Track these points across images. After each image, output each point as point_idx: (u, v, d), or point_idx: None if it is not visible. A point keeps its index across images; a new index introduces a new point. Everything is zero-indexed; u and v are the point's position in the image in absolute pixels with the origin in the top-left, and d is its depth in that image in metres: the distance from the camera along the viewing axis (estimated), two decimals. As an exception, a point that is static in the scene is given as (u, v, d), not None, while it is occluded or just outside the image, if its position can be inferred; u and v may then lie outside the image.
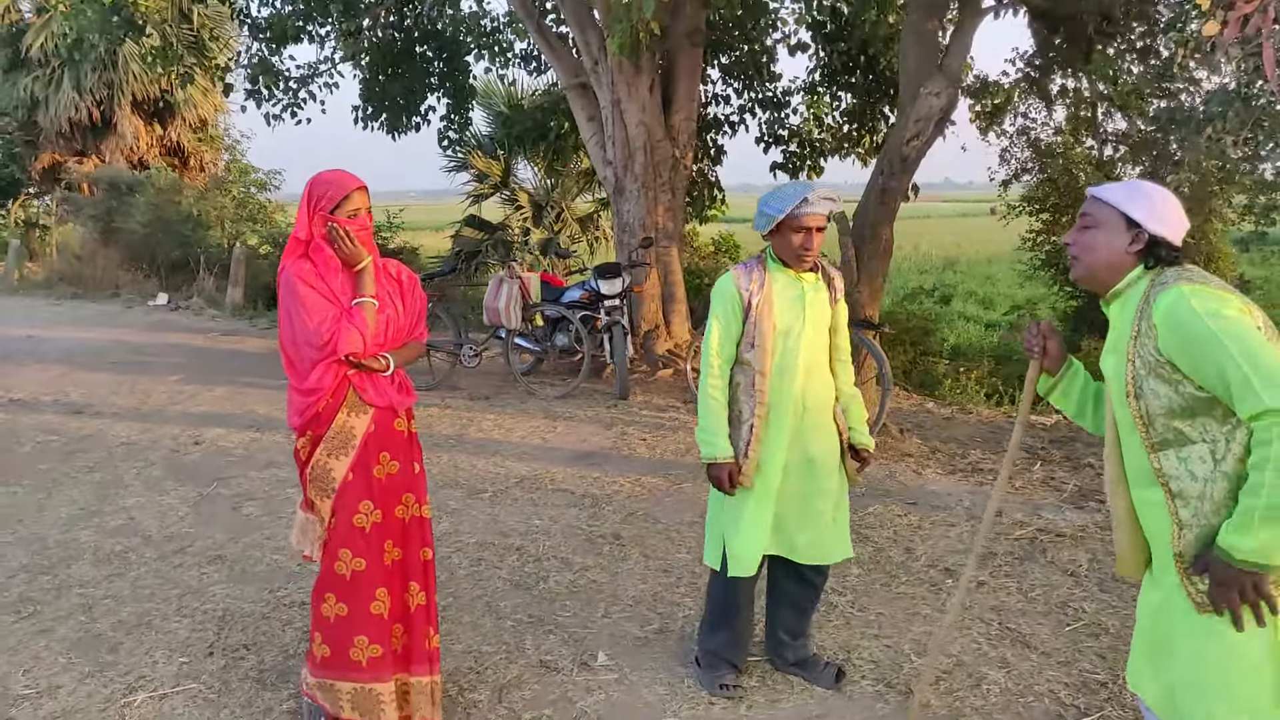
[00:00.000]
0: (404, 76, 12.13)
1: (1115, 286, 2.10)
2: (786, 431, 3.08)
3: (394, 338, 2.91)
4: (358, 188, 2.79)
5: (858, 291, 6.39)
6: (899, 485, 5.55)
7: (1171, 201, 2.07)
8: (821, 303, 3.13)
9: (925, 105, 6.10)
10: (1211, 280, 1.97)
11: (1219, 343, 1.84)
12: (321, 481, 2.81)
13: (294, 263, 2.79)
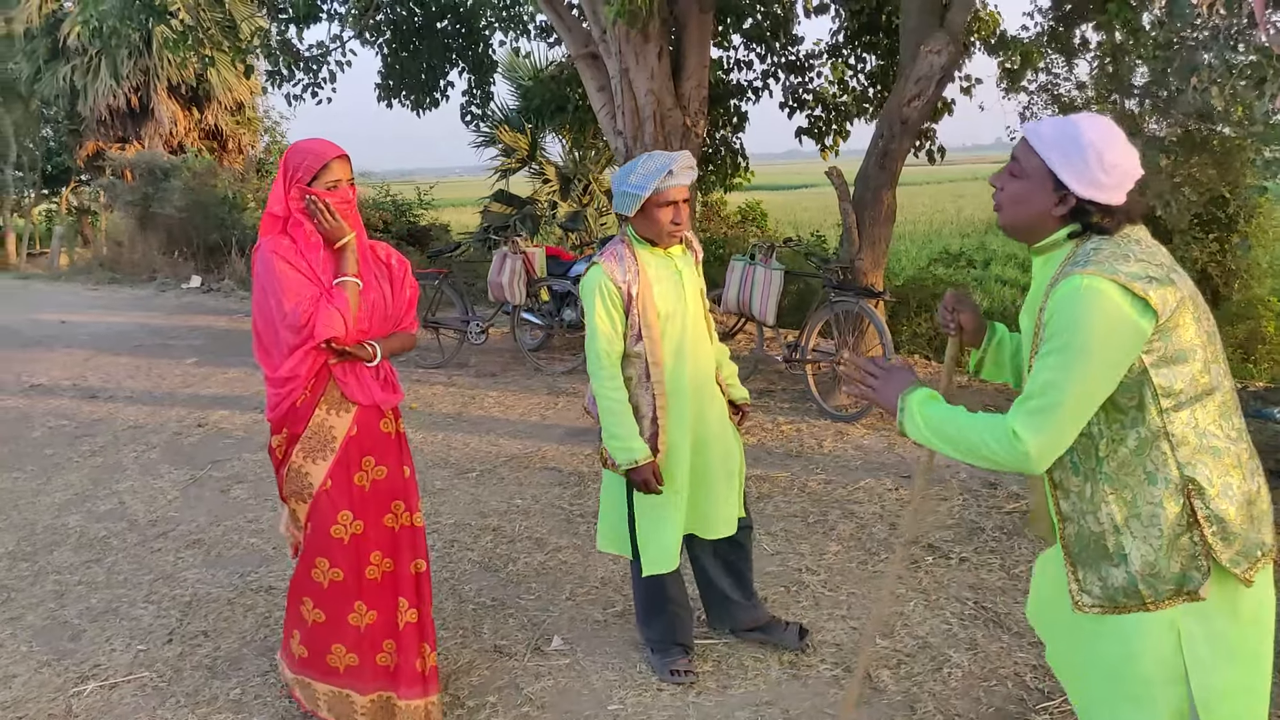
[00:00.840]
0: (423, 52, 12.10)
1: (1040, 243, 1.89)
2: (688, 414, 2.97)
3: (381, 325, 2.72)
4: (337, 156, 2.58)
5: (860, 259, 6.19)
6: (896, 459, 5.39)
7: (1115, 153, 1.75)
8: (693, 273, 3.04)
9: (926, 64, 5.84)
10: (1128, 263, 1.71)
11: (1058, 349, 1.70)
12: (297, 485, 2.65)
13: (271, 240, 2.59)
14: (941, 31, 5.87)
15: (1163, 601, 1.74)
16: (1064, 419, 1.71)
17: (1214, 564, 1.73)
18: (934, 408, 1.89)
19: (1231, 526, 1.73)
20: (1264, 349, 7.92)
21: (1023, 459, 1.73)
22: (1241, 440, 1.79)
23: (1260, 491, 1.80)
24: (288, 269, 2.55)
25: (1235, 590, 1.75)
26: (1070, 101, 8.58)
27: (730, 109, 11.71)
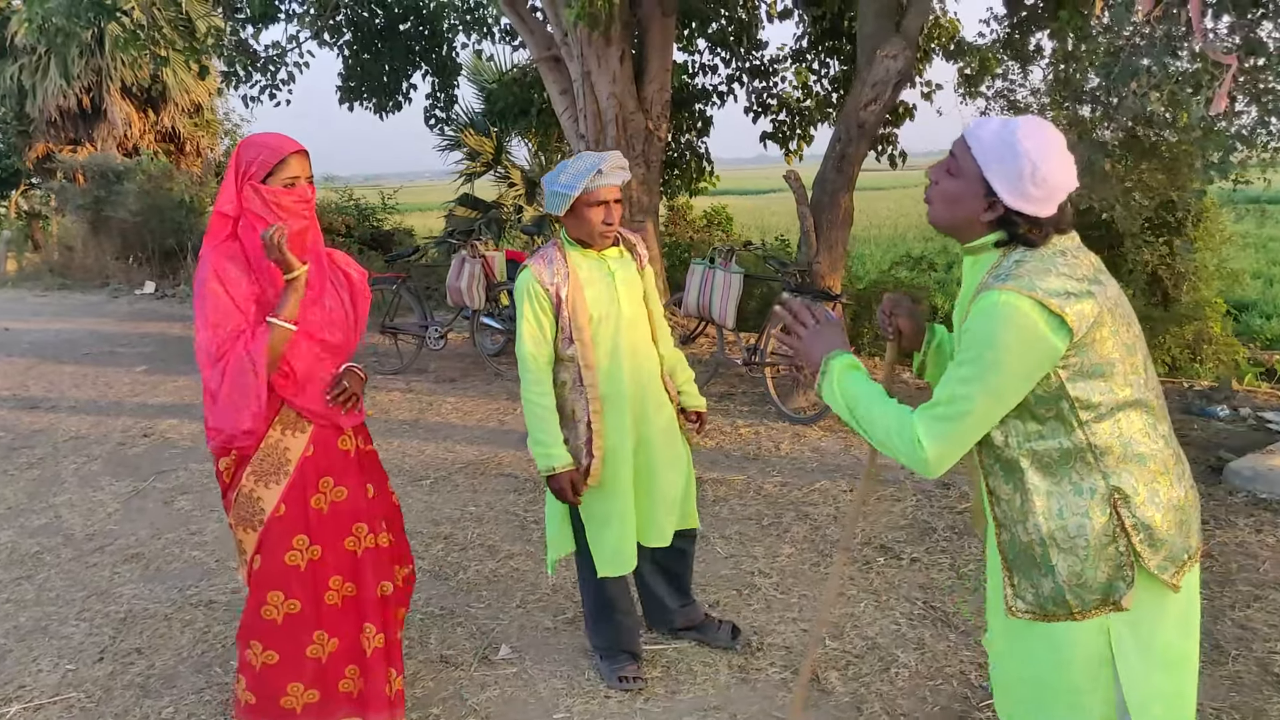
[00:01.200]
0: (385, 54, 11.99)
1: (969, 244, 1.87)
2: (627, 418, 2.94)
3: (341, 338, 2.53)
4: (295, 151, 2.36)
5: (817, 262, 6.21)
6: (852, 460, 5.40)
7: (1049, 166, 1.71)
8: (631, 276, 2.97)
9: (882, 68, 5.87)
10: (1049, 278, 1.69)
11: (970, 361, 1.70)
12: (247, 512, 2.44)
13: (216, 249, 2.35)
14: (898, 37, 5.91)
15: (1089, 611, 1.75)
16: (965, 429, 1.73)
17: (1140, 572, 1.73)
18: (853, 380, 1.88)
19: (1159, 533, 1.73)
20: (1210, 349, 8.06)
21: (921, 464, 1.75)
22: (1169, 446, 1.79)
23: (1188, 496, 1.80)
24: (218, 292, 2.31)
25: (1163, 595, 1.75)
26: (1026, 107, 8.69)
27: (695, 113, 11.72)
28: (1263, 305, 11.61)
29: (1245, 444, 5.43)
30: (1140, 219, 8.17)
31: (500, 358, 8.20)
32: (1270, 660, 3.15)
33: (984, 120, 1.84)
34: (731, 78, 11.43)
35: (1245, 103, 5.91)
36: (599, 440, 2.91)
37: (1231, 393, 6.73)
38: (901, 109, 9.23)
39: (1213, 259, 8.86)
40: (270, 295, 2.39)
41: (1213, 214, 8.65)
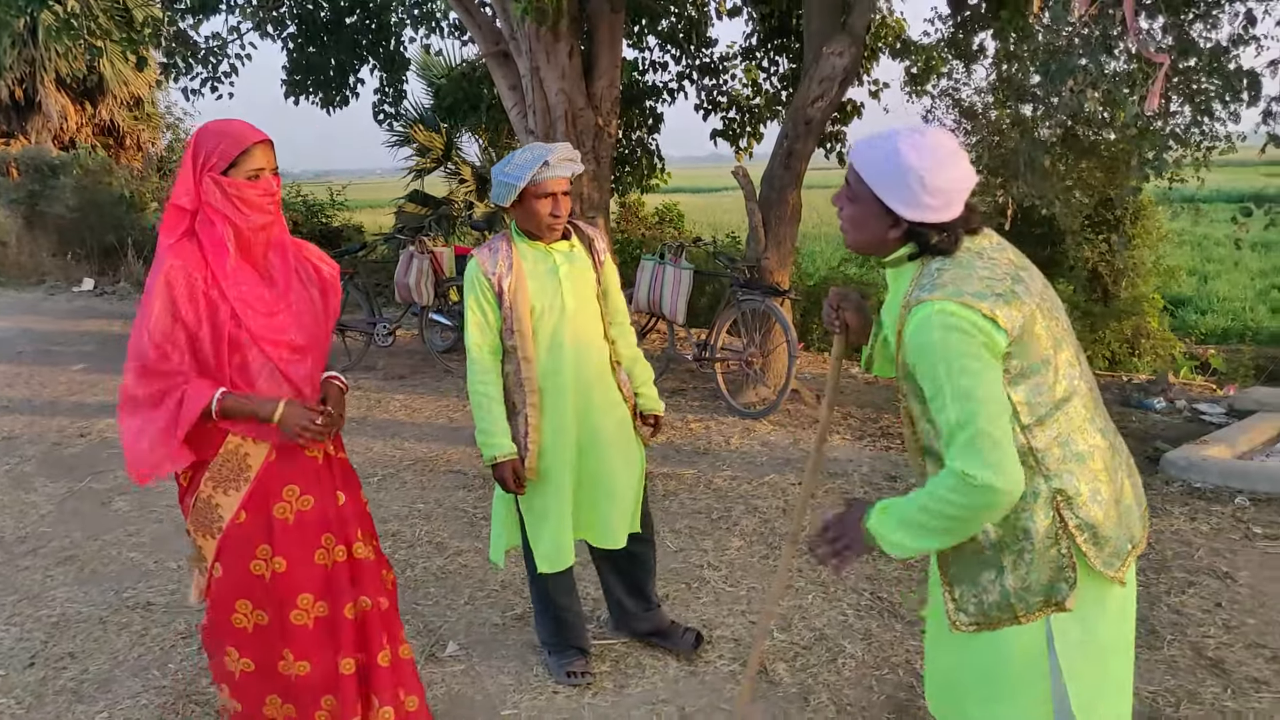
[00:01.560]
0: (331, 47, 11.80)
1: (887, 259, 1.85)
2: (568, 414, 2.90)
3: (311, 339, 2.36)
4: (259, 141, 2.19)
5: (766, 258, 6.24)
6: (801, 453, 5.44)
7: (938, 175, 1.71)
8: (581, 271, 2.93)
9: (828, 65, 5.92)
10: (972, 282, 1.69)
11: (942, 385, 1.67)
12: (205, 518, 2.28)
13: (172, 249, 2.17)
14: (843, 34, 5.96)
15: (1033, 614, 1.75)
16: (994, 435, 1.65)
17: (1083, 570, 1.74)
18: (891, 518, 1.76)
19: (1102, 530, 1.74)
20: (1148, 343, 8.28)
21: (992, 492, 1.64)
22: (1105, 439, 1.80)
23: (1125, 486, 1.81)
24: (167, 307, 2.13)
25: (1106, 588, 1.76)
26: (970, 106, 8.85)
27: (645, 110, 11.72)
28: (1198, 301, 11.96)
29: (1181, 435, 5.58)
30: (1081, 217, 8.38)
31: (450, 354, 8.12)
32: (1203, 644, 3.24)
33: (867, 140, 1.82)
34: (682, 75, 11.45)
35: (1179, 103, 6.08)
36: (534, 434, 2.89)
37: (1168, 386, 6.92)
38: (850, 107, 9.32)
39: (1150, 256, 9.12)
40: (221, 312, 2.19)
41: (1150, 212, 8.89)
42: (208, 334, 2.18)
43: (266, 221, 2.25)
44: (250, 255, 2.25)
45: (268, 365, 2.26)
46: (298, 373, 2.32)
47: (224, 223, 2.18)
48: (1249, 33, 4.85)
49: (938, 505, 1.68)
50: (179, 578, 3.99)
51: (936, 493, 1.68)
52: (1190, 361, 8.47)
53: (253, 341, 2.23)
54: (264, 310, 2.25)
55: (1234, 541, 4.07)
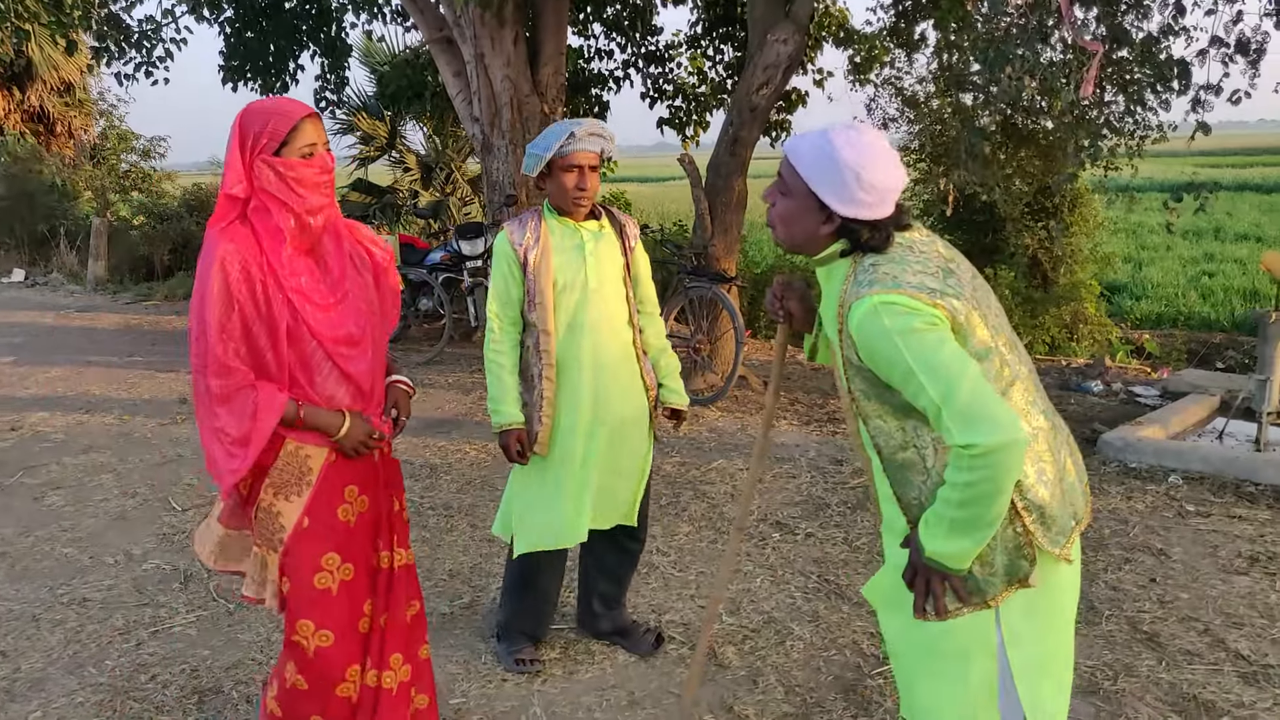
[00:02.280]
0: (270, 32, 11.53)
1: (818, 256, 1.84)
2: (584, 393, 2.86)
3: (370, 327, 2.20)
4: (307, 115, 2.06)
5: (712, 245, 6.26)
6: (748, 439, 5.47)
7: (873, 171, 1.72)
8: (609, 252, 2.91)
9: (772, 52, 5.94)
10: (907, 274, 1.71)
11: (910, 369, 1.65)
12: (267, 529, 2.14)
13: (225, 234, 2.02)
14: (787, 21, 5.98)
15: (1000, 594, 1.76)
16: (978, 396, 1.62)
17: (1037, 549, 1.75)
18: (936, 531, 1.71)
19: (1049, 510, 1.76)
20: (1086, 328, 8.47)
21: (1003, 451, 1.59)
22: (1046, 418, 1.83)
23: (1067, 464, 1.84)
24: (219, 299, 2.00)
25: (1053, 566, 1.79)
26: (912, 95, 8.96)
27: (592, 98, 11.67)
28: (1133, 287, 12.25)
29: (1117, 417, 5.73)
30: (1021, 204, 8.54)
31: (397, 344, 8.03)
32: (1139, 619, 3.33)
33: (802, 135, 1.83)
34: (627, 63, 11.42)
35: (1113, 92, 6.22)
36: (549, 409, 2.85)
37: (1105, 369, 7.10)
38: (795, 95, 9.38)
39: (1088, 244, 9.32)
40: (277, 304, 2.05)
41: (1086, 200, 9.08)
42: (264, 328, 2.05)
43: (324, 203, 2.10)
44: (306, 241, 2.10)
45: (326, 361, 2.13)
46: (357, 368, 2.17)
47: (280, 208, 2.04)
48: (1178, 23, 4.98)
49: (966, 493, 1.63)
50: (116, 573, 3.89)
51: (956, 481, 1.64)
52: (1126, 346, 8.69)
53: (311, 336, 2.10)
54: (321, 302, 2.11)
55: (1168, 519, 4.19)
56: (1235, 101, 4.86)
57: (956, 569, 1.72)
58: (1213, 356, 8.38)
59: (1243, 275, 12.44)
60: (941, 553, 1.71)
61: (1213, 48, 4.89)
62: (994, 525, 1.67)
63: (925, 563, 1.74)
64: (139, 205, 15.68)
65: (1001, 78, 4.22)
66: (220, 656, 3.22)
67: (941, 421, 1.64)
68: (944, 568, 1.72)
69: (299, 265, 2.09)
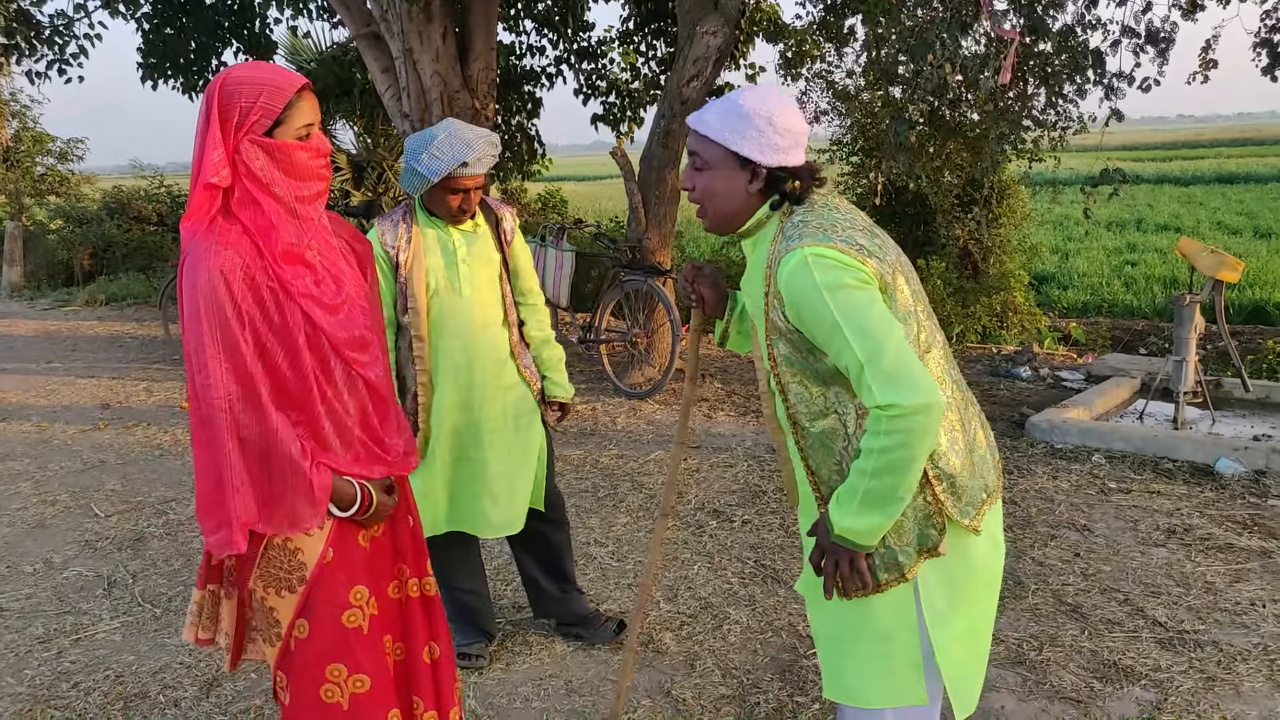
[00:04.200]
0: (190, 28, 11.24)
1: (743, 228, 1.83)
2: (456, 394, 2.81)
3: (376, 327, 1.95)
4: (303, 87, 1.79)
5: (647, 238, 6.27)
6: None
7: (783, 116, 1.76)
8: (483, 252, 2.83)
9: (702, 44, 5.97)
10: (837, 230, 1.71)
11: (836, 324, 1.63)
12: (283, 568, 1.83)
13: (211, 235, 1.71)
14: (715, 14, 6.02)
15: (914, 566, 1.76)
16: (902, 357, 1.62)
17: (947, 519, 1.76)
18: (847, 506, 1.69)
19: (959, 480, 1.77)
20: (1015, 317, 8.68)
21: (924, 412, 1.59)
22: (960, 390, 1.84)
23: (977, 435, 1.85)
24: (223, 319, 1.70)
25: (963, 536, 1.79)
26: (843, 89, 9.09)
27: (524, 95, 11.60)
28: (1060, 277, 12.58)
29: (1044, 400, 5.88)
30: (950, 196, 8.72)
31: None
32: (1064, 592, 3.42)
33: (701, 109, 1.84)
34: (560, 59, 11.38)
35: (1035, 85, 6.38)
36: (423, 414, 2.81)
37: (1033, 356, 7.28)
38: (727, 89, 9.44)
39: (1015, 235, 9.54)
40: (289, 312, 1.78)
41: (1014, 192, 9.30)
42: (280, 344, 1.76)
43: (320, 190, 1.83)
44: (305, 238, 1.81)
45: (345, 370, 1.86)
46: (375, 374, 1.91)
47: (271, 200, 1.74)
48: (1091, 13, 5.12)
49: (881, 459, 1.61)
50: (35, 581, 3.76)
51: (873, 447, 1.62)
52: (1054, 333, 8.93)
53: (330, 344, 1.82)
54: (329, 304, 1.84)
55: (1091, 496, 4.31)
56: (1145, 89, 5.03)
57: (865, 546, 1.72)
58: (1135, 343, 8.65)
59: (1163, 264, 12.87)
60: (851, 528, 1.70)
61: (1125, 38, 5.04)
62: (905, 499, 1.67)
63: (834, 542, 1.74)
64: (56, 209, 15.16)
65: (924, 67, 4.30)
66: (146, 662, 3.13)
67: (863, 381, 1.62)
68: (854, 545, 1.72)
69: (298, 262, 1.80)
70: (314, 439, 1.81)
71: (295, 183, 1.77)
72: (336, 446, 1.85)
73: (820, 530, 1.78)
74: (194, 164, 1.73)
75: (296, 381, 1.78)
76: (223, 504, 1.74)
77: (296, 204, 1.78)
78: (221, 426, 1.71)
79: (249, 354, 1.72)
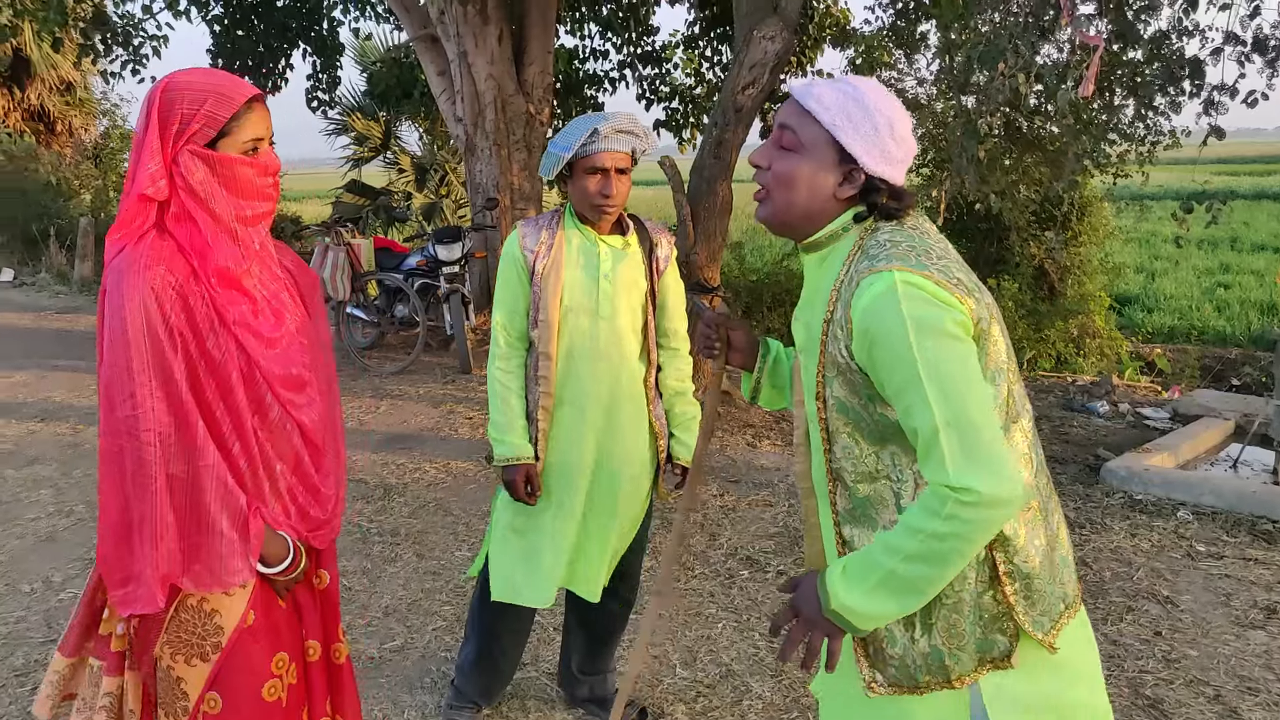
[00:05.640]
0: (259, 29, 11.30)
1: (813, 236, 1.52)
2: (585, 430, 2.46)
3: (315, 365, 1.76)
4: (254, 98, 1.61)
5: (695, 253, 5.92)
6: (726, 460, 5.13)
7: (903, 123, 1.48)
8: (630, 275, 2.46)
9: (759, 50, 5.62)
10: (931, 257, 1.41)
11: (916, 376, 1.33)
12: (195, 632, 1.63)
13: (141, 249, 1.55)
14: (775, 17, 5.66)
15: (968, 675, 1.44)
16: (990, 432, 1.32)
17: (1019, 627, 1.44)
18: (860, 580, 1.37)
19: (1035, 582, 1.44)
20: (1093, 343, 8.11)
21: (999, 505, 1.29)
22: (1042, 472, 1.51)
23: (1060, 533, 1.52)
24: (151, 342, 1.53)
25: (1038, 653, 1.46)
26: (914, 98, 8.61)
27: (586, 100, 11.39)
28: (1144, 299, 11.86)
29: (1123, 441, 5.37)
30: (1026, 212, 8.19)
31: (371, 351, 7.73)
32: (1141, 680, 2.98)
33: (813, 80, 1.53)
34: (623, 64, 11.14)
35: (1123, 96, 5.87)
36: (544, 442, 2.47)
37: (1112, 388, 6.73)
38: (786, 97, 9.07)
39: (1097, 254, 8.95)
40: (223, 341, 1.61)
41: (1095, 208, 8.72)
42: (210, 374, 1.60)
43: (265, 211, 1.66)
44: (245, 262, 1.65)
45: (279, 409, 1.68)
46: (311, 418, 1.73)
47: (209, 217, 1.59)
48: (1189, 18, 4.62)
49: (927, 545, 1.30)
50: (29, 603, 3.59)
51: (922, 527, 1.31)
52: (1136, 361, 8.33)
53: (264, 381, 1.65)
54: (266, 336, 1.67)
55: (1175, 561, 3.83)
56: (1251, 104, 4.51)
57: (858, 630, 1.40)
58: (1227, 373, 8.00)
59: (1260, 287, 12.05)
60: (855, 609, 1.37)
61: (1228, 45, 4.53)
62: (930, 596, 1.37)
63: (825, 615, 1.40)
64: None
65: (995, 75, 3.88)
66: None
67: (935, 451, 1.31)
68: (847, 625, 1.39)
69: (235, 289, 1.64)
70: (242, 486, 1.63)
71: (238, 201, 1.61)
72: (266, 495, 1.67)
73: (807, 593, 1.44)
74: (128, 173, 1.61)
75: (229, 419, 1.62)
76: (140, 553, 1.55)
77: (238, 224, 1.62)
78: (150, 464, 1.53)
79: (183, 383, 1.56)
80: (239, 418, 1.62)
